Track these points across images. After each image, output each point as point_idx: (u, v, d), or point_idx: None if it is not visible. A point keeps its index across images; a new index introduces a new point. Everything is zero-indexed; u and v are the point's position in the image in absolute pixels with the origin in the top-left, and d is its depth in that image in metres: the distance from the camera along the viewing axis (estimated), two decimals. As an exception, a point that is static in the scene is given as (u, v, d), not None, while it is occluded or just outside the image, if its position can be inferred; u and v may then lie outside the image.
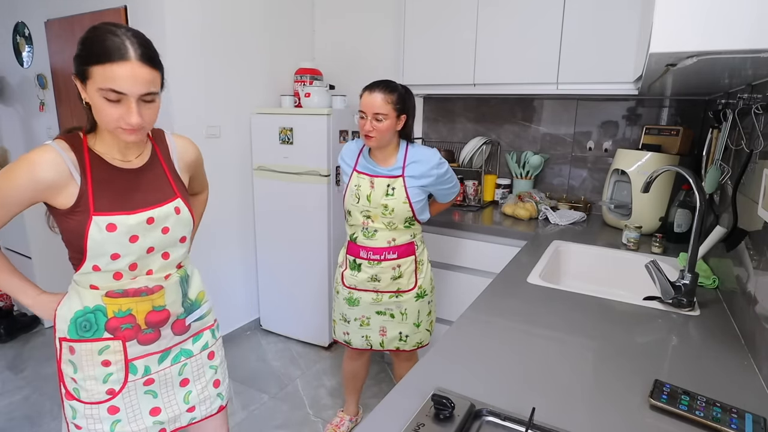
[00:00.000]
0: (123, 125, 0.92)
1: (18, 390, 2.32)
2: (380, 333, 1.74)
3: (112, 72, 0.88)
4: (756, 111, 1.19)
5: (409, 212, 1.61)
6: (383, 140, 1.58)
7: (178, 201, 1.09)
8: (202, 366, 1.22)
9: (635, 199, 1.94)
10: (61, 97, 2.86)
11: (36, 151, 0.96)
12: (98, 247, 0.97)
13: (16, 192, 0.96)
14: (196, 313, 1.19)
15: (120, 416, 1.09)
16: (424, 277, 1.73)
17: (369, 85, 1.57)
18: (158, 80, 0.95)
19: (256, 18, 2.67)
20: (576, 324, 1.15)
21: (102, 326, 1.05)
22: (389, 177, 1.60)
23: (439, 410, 0.75)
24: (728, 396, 0.84)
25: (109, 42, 0.89)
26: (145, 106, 0.94)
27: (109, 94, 0.89)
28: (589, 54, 2.00)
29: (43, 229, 1.13)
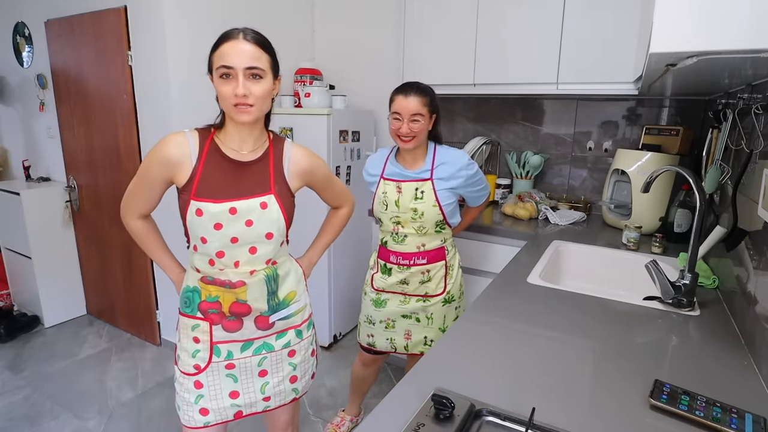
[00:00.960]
0: (233, 100, 1.04)
1: (18, 390, 2.32)
2: (405, 336, 1.72)
3: (222, 51, 1.04)
4: (756, 111, 1.19)
5: (439, 215, 1.58)
6: (421, 140, 1.56)
7: (268, 197, 1.13)
8: (281, 361, 1.27)
9: (635, 199, 1.94)
10: (61, 97, 2.86)
11: (170, 133, 1.13)
12: (192, 229, 1.10)
13: (152, 165, 1.12)
14: (282, 312, 1.23)
15: (203, 392, 1.20)
16: (453, 282, 1.70)
17: (402, 88, 1.55)
18: (265, 60, 1.07)
19: (255, 18, 2.67)
20: (576, 324, 1.15)
21: (196, 306, 1.18)
22: (417, 180, 1.58)
23: (439, 410, 0.75)
24: (728, 396, 0.84)
25: (225, 32, 1.06)
26: (253, 82, 1.05)
27: (221, 70, 1.04)
28: (589, 54, 2.00)
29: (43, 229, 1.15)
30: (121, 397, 2.27)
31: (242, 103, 1.05)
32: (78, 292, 3.14)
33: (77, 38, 2.63)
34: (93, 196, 2.85)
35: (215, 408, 1.22)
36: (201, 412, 1.21)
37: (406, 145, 1.55)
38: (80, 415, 2.14)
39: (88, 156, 2.79)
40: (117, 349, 2.75)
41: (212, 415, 1.22)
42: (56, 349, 2.72)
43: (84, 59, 2.63)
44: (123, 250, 2.78)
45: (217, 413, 1.23)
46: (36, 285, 2.90)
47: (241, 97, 1.03)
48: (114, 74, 2.49)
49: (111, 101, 2.56)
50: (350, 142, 2.61)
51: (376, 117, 2.92)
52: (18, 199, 2.77)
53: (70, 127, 2.87)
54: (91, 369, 2.52)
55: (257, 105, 1.07)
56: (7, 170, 3.49)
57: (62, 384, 2.37)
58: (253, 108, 1.07)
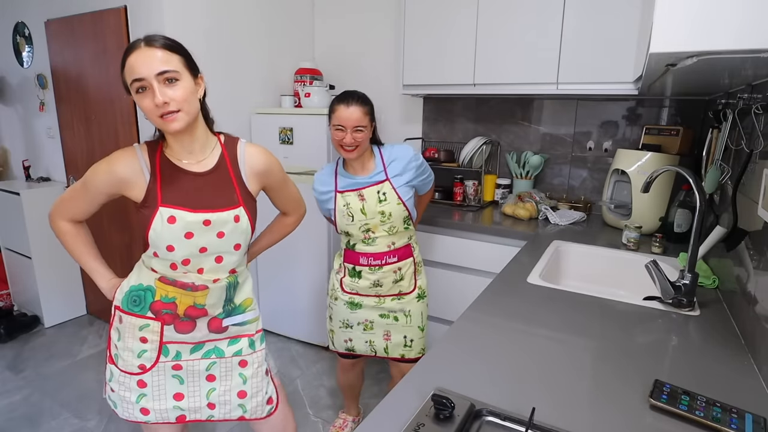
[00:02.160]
0: (157, 111, 0.99)
1: (18, 390, 2.32)
2: (384, 337, 1.72)
3: (129, 64, 0.98)
4: (756, 111, 1.19)
5: (404, 211, 1.60)
6: (364, 149, 1.57)
7: (239, 210, 1.12)
8: (230, 369, 1.23)
9: (635, 199, 1.94)
10: (61, 97, 2.86)
11: (119, 150, 1.11)
12: (157, 237, 1.06)
13: (96, 180, 1.11)
14: (237, 317, 1.22)
15: (146, 391, 1.18)
16: (422, 278, 1.74)
17: (342, 98, 1.54)
18: (176, 60, 1.01)
19: (256, 18, 2.67)
20: (576, 324, 1.15)
21: (147, 305, 1.14)
22: (376, 184, 1.59)
23: (439, 410, 0.75)
24: (728, 396, 0.84)
25: (127, 46, 1.01)
26: (169, 87, 0.99)
27: (135, 85, 0.98)
28: (589, 54, 2.00)
29: (43, 229, 1.16)
30: (121, 397, 2.27)
31: (166, 112, 0.99)
32: (78, 292, 3.14)
33: (77, 38, 2.63)
34: (93, 196, 2.85)
35: (157, 408, 1.19)
36: (142, 411, 1.19)
37: (350, 155, 1.55)
38: (80, 415, 2.14)
39: (88, 156, 2.79)
40: (117, 349, 2.75)
41: (153, 415, 1.20)
42: (56, 349, 2.72)
43: (84, 59, 2.63)
44: (123, 250, 2.78)
45: (158, 413, 1.20)
46: (36, 285, 2.90)
47: (162, 105, 0.98)
48: (114, 74, 2.49)
49: (111, 101, 2.56)
50: (350, 142, 2.61)
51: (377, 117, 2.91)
52: (18, 199, 2.77)
53: (70, 127, 2.87)
54: (91, 369, 2.52)
55: (183, 109, 1.01)
56: (7, 170, 3.49)
57: (62, 384, 2.37)
58: (180, 113, 1.01)
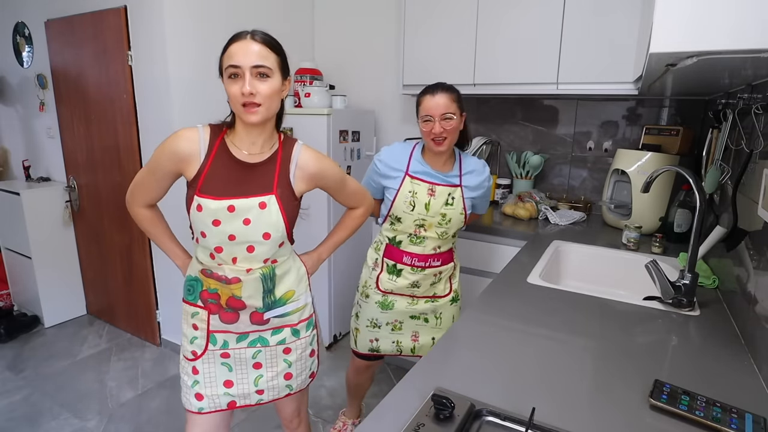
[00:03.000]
0: (241, 99, 1.05)
1: (18, 390, 2.32)
2: (412, 338, 1.69)
3: (230, 51, 1.05)
4: (756, 111, 1.19)
5: (462, 223, 1.58)
6: (454, 140, 1.52)
7: (268, 198, 1.13)
8: (275, 357, 1.28)
9: (635, 199, 1.94)
10: (61, 97, 2.86)
11: (184, 128, 1.14)
12: (194, 222, 1.13)
13: (161, 158, 1.13)
14: (277, 310, 1.24)
15: (199, 378, 1.24)
16: (457, 282, 1.71)
17: (428, 89, 1.50)
18: (273, 59, 1.08)
19: (255, 18, 2.67)
20: (576, 324, 1.15)
21: (198, 294, 1.21)
22: (449, 185, 1.55)
23: (439, 410, 0.75)
24: (728, 396, 0.84)
25: (234, 35, 1.08)
26: (260, 81, 1.06)
27: (229, 70, 1.05)
28: (589, 54, 2.00)
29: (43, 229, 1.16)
30: (121, 397, 2.27)
31: (250, 103, 1.05)
32: (78, 292, 3.14)
33: (77, 38, 2.63)
34: (93, 196, 2.85)
35: (209, 394, 1.25)
36: (196, 397, 1.25)
37: (440, 147, 1.49)
38: (80, 415, 2.14)
39: (88, 156, 2.79)
40: (117, 349, 2.75)
41: (206, 402, 1.25)
42: (56, 349, 2.72)
43: (84, 59, 2.63)
44: (123, 250, 2.78)
45: (210, 400, 1.25)
46: (36, 285, 2.90)
47: (248, 95, 1.04)
48: (114, 74, 2.49)
49: (111, 101, 2.56)
50: (350, 142, 2.61)
51: (376, 117, 2.92)
52: (18, 199, 2.77)
53: (70, 127, 2.87)
54: (91, 369, 2.52)
55: (265, 104, 1.07)
56: (7, 170, 3.49)
57: (62, 384, 2.37)
58: (261, 107, 1.07)
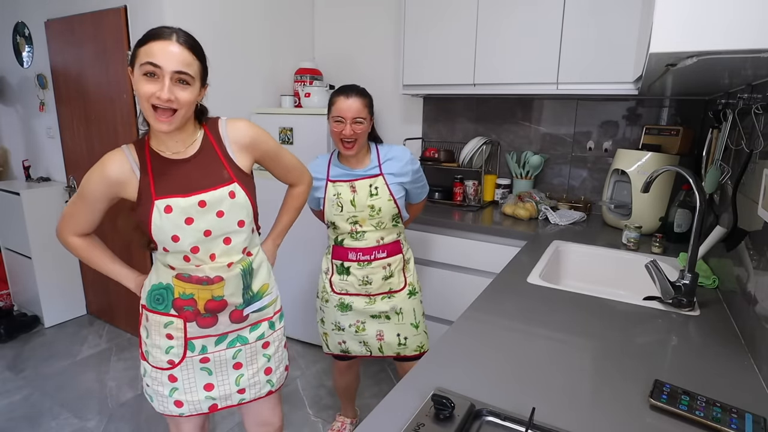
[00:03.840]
0: (154, 101, 0.99)
1: (18, 390, 2.32)
2: (377, 338, 1.70)
3: (151, 48, 0.98)
4: (756, 111, 1.19)
5: (395, 209, 1.59)
6: (363, 143, 1.56)
7: (233, 186, 1.12)
8: (255, 353, 1.28)
9: (635, 199, 1.94)
10: (61, 97, 2.86)
11: (107, 153, 1.12)
12: (159, 231, 1.08)
13: (91, 187, 1.12)
14: (256, 304, 1.24)
15: (177, 385, 1.21)
16: (412, 274, 1.72)
17: (342, 90, 1.54)
18: (196, 67, 1.04)
19: (256, 18, 2.67)
20: (576, 324, 1.15)
21: (170, 303, 1.17)
22: (369, 177, 1.58)
23: (439, 410, 0.75)
24: (728, 396, 0.84)
25: (156, 29, 1.01)
26: (180, 87, 1.01)
27: (146, 67, 0.98)
28: (589, 54, 2.00)
29: (43, 229, 1.16)
30: (121, 397, 2.27)
31: (163, 108, 1.00)
32: (78, 292, 3.14)
33: (77, 38, 2.63)
34: (93, 196, 2.85)
35: (189, 400, 1.23)
36: (175, 404, 1.23)
37: (348, 151, 1.54)
38: (80, 415, 2.14)
39: (88, 156, 2.79)
40: (117, 349, 2.75)
41: (186, 407, 1.24)
42: (56, 349, 2.72)
43: (84, 59, 2.63)
44: (123, 250, 2.77)
45: (191, 405, 1.24)
46: (36, 285, 2.90)
47: (164, 101, 0.98)
48: (114, 74, 2.49)
49: (111, 101, 2.56)
50: (350, 142, 2.61)
51: (376, 117, 2.92)
52: (18, 199, 2.77)
53: (70, 127, 2.87)
54: (91, 369, 2.52)
55: (181, 111, 1.02)
56: (7, 170, 3.49)
57: (62, 384, 2.37)
58: (176, 116, 1.02)
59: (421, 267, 2.24)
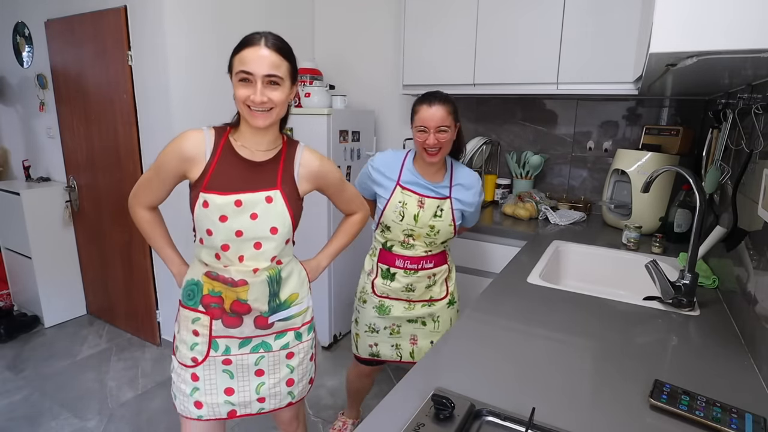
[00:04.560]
0: (250, 103, 1.06)
1: (18, 390, 2.32)
2: (411, 341, 1.67)
3: (243, 56, 1.05)
4: (756, 111, 1.19)
5: (451, 234, 1.58)
6: (447, 152, 1.52)
7: (274, 192, 1.15)
8: (278, 363, 1.27)
9: (635, 199, 1.94)
10: (61, 97, 2.86)
11: (188, 129, 1.15)
12: (198, 221, 1.12)
13: (167, 158, 1.14)
14: (282, 313, 1.24)
15: (199, 385, 1.22)
16: (453, 284, 1.70)
17: (425, 98, 1.48)
18: (285, 68, 1.08)
19: (255, 18, 2.67)
20: (576, 324, 1.15)
21: (199, 299, 1.19)
22: (438, 198, 1.54)
23: (439, 410, 0.75)
24: (728, 396, 0.84)
25: (247, 36, 1.08)
26: (271, 89, 1.07)
27: (240, 75, 1.05)
28: (589, 54, 2.00)
29: (43, 229, 1.16)
30: (121, 397, 2.27)
31: (260, 109, 1.07)
32: (78, 292, 3.14)
33: (77, 38, 2.63)
34: (93, 196, 2.85)
35: (209, 402, 1.23)
36: (195, 405, 1.23)
37: (432, 159, 1.49)
38: (80, 415, 2.14)
39: (88, 156, 2.79)
40: (117, 349, 2.75)
41: (206, 410, 1.23)
42: (56, 349, 2.72)
43: (84, 59, 2.63)
44: (123, 250, 2.78)
45: (210, 408, 1.23)
46: (36, 285, 2.90)
47: (258, 104, 1.06)
48: (114, 74, 2.49)
49: (111, 101, 2.56)
50: (350, 142, 2.61)
51: (376, 117, 2.92)
52: (18, 199, 2.77)
53: (70, 127, 2.87)
54: (91, 369, 2.52)
55: (275, 109, 1.10)
56: (7, 170, 3.49)
57: (62, 384, 2.37)
58: (271, 112, 1.09)
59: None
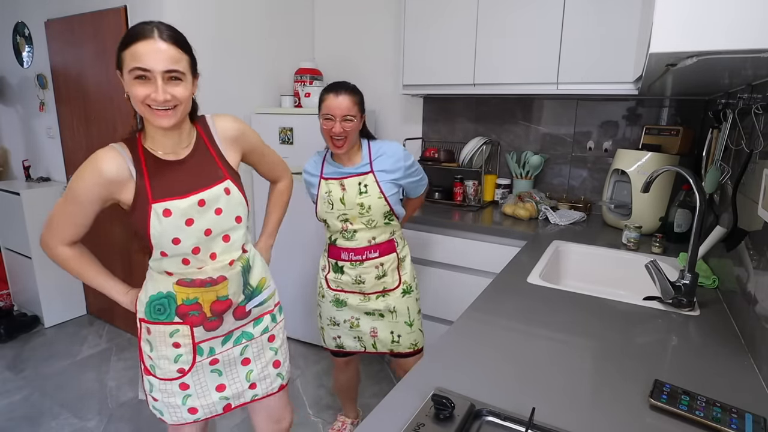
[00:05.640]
0: (150, 102, 0.97)
1: (18, 390, 2.32)
2: (371, 334, 1.70)
3: (137, 50, 0.95)
4: (756, 111, 1.19)
5: (385, 206, 1.57)
6: (353, 141, 1.55)
7: (227, 182, 1.13)
8: (262, 348, 1.29)
9: (635, 199, 1.94)
10: (61, 97, 2.86)
11: (99, 150, 1.06)
12: (159, 235, 1.04)
13: (85, 188, 1.04)
14: (256, 299, 1.25)
15: (190, 392, 1.20)
16: (406, 273, 1.71)
17: (331, 87, 1.53)
18: (185, 62, 1.00)
19: (256, 18, 2.67)
20: (576, 324, 1.15)
21: (173, 311, 1.14)
22: (359, 175, 1.57)
23: (439, 410, 0.75)
24: (728, 396, 0.84)
25: (136, 27, 0.97)
26: (172, 84, 0.98)
27: (136, 72, 0.95)
28: (589, 54, 2.00)
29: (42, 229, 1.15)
30: (121, 397, 2.27)
31: (163, 108, 0.99)
32: (78, 292, 3.14)
33: (77, 38, 2.63)
34: (93, 196, 2.85)
35: (204, 404, 1.23)
36: (190, 411, 1.22)
37: (339, 149, 1.53)
38: (80, 415, 2.14)
39: (88, 156, 2.79)
40: (117, 349, 2.75)
41: (201, 411, 1.24)
42: (56, 349, 2.72)
43: (84, 59, 2.63)
44: (123, 250, 2.78)
45: (206, 408, 1.24)
46: (36, 285, 2.90)
47: (161, 102, 0.97)
48: (114, 74, 2.46)
49: (111, 101, 2.56)
50: (350, 142, 2.61)
51: (376, 117, 2.92)
52: (18, 199, 2.77)
53: (70, 127, 2.87)
54: (91, 369, 2.52)
55: (180, 107, 1.01)
56: (7, 170, 3.49)
57: (62, 384, 2.37)
58: (176, 110, 1.01)
59: (421, 267, 2.24)
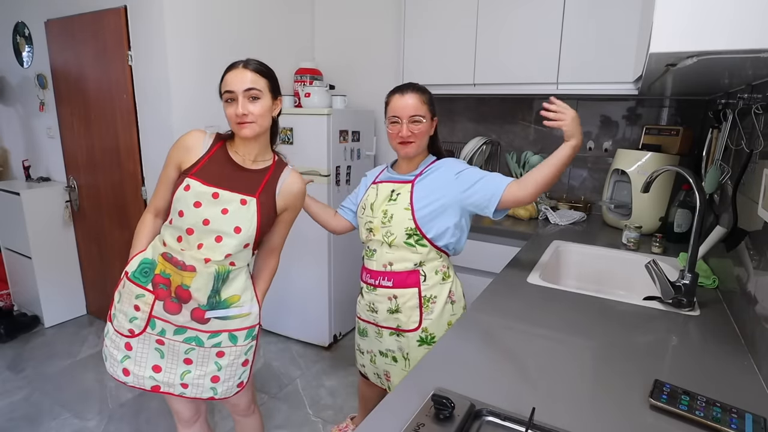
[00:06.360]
0: (235, 119, 1.19)
1: (18, 390, 2.32)
2: (386, 377, 1.52)
3: (226, 79, 1.21)
4: (756, 111, 1.19)
5: (410, 221, 1.33)
6: (422, 146, 1.38)
7: (251, 199, 1.22)
8: (207, 358, 1.30)
9: (635, 199, 1.94)
10: (61, 97, 2.86)
11: (195, 128, 1.30)
12: (176, 202, 1.20)
13: (172, 153, 1.27)
14: (219, 311, 1.26)
15: (131, 354, 1.28)
16: (433, 318, 1.38)
17: (397, 88, 1.38)
18: (262, 83, 1.21)
19: (256, 18, 2.67)
20: (576, 324, 1.15)
21: (151, 278, 1.25)
22: (400, 182, 1.40)
23: (439, 410, 0.75)
24: (728, 396, 0.84)
25: (230, 65, 1.23)
26: (251, 102, 1.19)
27: (225, 95, 1.21)
28: (589, 54, 2.00)
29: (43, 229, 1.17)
30: (121, 397, 2.27)
31: (243, 121, 1.19)
32: (78, 292, 3.14)
33: (77, 38, 2.63)
34: (93, 196, 2.85)
35: (136, 373, 1.28)
36: (123, 372, 1.28)
37: (406, 149, 1.36)
38: (80, 415, 2.14)
39: (88, 156, 2.79)
40: (117, 349, 2.75)
41: (132, 378, 1.29)
42: (56, 349, 2.72)
43: (84, 59, 2.63)
44: (123, 250, 2.77)
45: (136, 378, 1.29)
46: (36, 285, 2.90)
47: (241, 116, 1.18)
48: (114, 74, 2.49)
49: (111, 101, 2.55)
50: (350, 142, 2.61)
51: (376, 117, 2.92)
52: (18, 199, 2.77)
53: (70, 127, 2.87)
54: (91, 369, 2.52)
55: (257, 121, 1.20)
56: (7, 170, 3.49)
57: (62, 384, 2.37)
58: (254, 124, 1.20)
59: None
